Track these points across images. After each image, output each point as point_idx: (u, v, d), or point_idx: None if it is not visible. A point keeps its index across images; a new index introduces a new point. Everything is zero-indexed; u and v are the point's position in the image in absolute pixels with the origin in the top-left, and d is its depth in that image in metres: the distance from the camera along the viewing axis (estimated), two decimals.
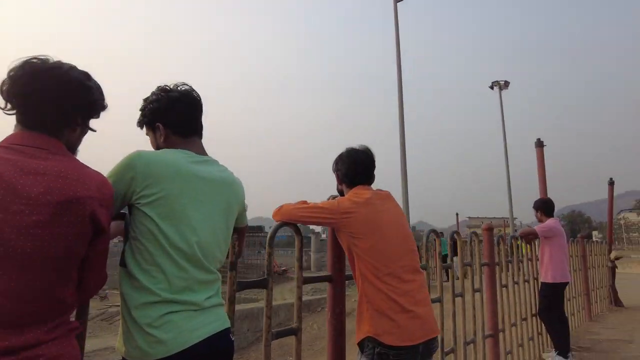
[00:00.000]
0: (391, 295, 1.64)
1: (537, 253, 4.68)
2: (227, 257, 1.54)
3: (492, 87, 22.92)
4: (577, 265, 6.62)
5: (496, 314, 3.62)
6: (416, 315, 1.66)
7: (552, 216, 4.60)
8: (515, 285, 4.13)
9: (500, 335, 3.65)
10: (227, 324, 1.32)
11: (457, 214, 32.97)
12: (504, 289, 3.86)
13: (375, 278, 1.67)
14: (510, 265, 4.13)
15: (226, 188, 1.40)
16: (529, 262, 4.62)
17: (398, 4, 14.42)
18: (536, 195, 8.05)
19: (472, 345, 3.10)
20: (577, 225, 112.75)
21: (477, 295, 3.40)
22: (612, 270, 8.18)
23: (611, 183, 8.25)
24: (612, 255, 8.28)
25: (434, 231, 3.10)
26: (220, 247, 1.34)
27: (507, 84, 22.51)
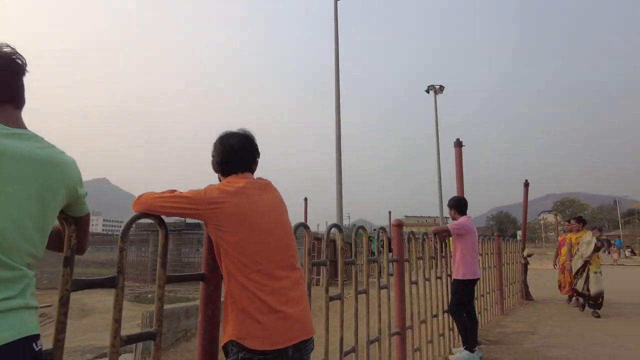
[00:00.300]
0: (258, 294, 1.48)
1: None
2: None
3: (427, 91, 23.83)
4: (492, 262, 6.95)
5: (404, 310, 3.62)
6: (286, 316, 1.52)
7: (465, 214, 4.73)
8: (427, 282, 4.17)
9: (409, 332, 3.66)
10: (29, 332, 1.07)
11: (389, 212, 34.03)
12: (414, 285, 3.89)
13: (242, 275, 1.50)
14: (422, 262, 4.18)
15: (47, 167, 1.16)
16: (443, 259, 4.72)
17: (338, 2, 14.50)
18: (471, 195, 8.37)
19: (377, 344, 3.05)
20: (505, 225, 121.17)
21: (391, 292, 3.38)
22: (525, 266, 8.71)
23: (526, 185, 8.77)
24: (525, 252, 8.82)
25: (362, 227, 3.03)
26: (29, 237, 1.10)
27: (442, 88, 23.50)
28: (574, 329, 5.86)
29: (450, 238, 4.70)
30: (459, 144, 9.70)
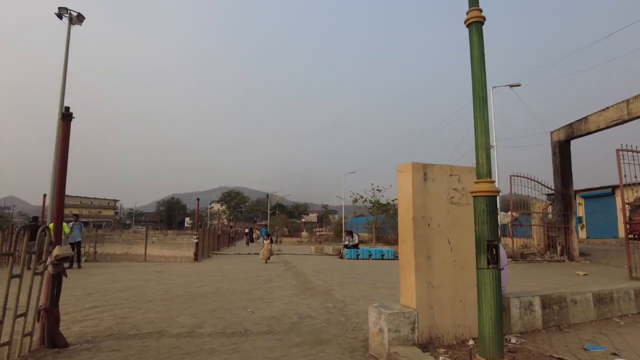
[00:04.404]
0: None
1: None
2: None
3: (60, 16, 16.88)
4: None
5: None
6: None
7: None
8: None
9: None
10: None
11: (44, 195, 24.29)
12: None
13: None
14: None
15: None
16: None
17: None
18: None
19: None
20: (175, 212, 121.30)
21: None
22: (53, 277, 4.32)
23: (66, 117, 4.47)
24: (55, 252, 4.47)
25: None
26: None
27: (80, 17, 17.10)
28: None
29: None
30: (66, 117, 4.67)
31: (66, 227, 13.53)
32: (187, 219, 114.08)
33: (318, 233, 53.73)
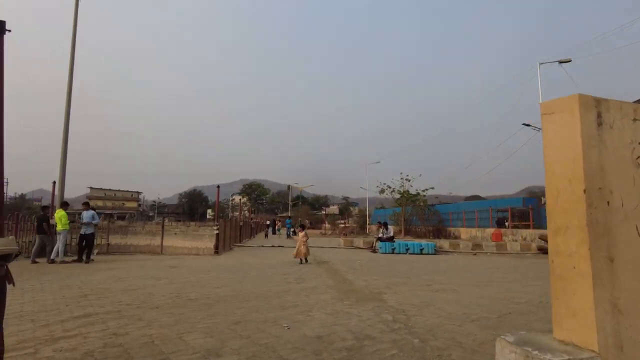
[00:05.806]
0: None
1: None
2: None
3: None
4: None
5: None
6: None
7: None
8: None
9: None
10: None
11: (54, 182, 23.29)
12: None
13: None
14: None
15: None
16: None
17: None
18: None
19: None
20: (196, 204, 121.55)
21: None
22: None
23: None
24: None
25: None
26: None
27: None
28: None
29: None
30: None
31: (64, 217, 12.15)
32: (209, 210, 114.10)
33: (341, 225, 52.23)
